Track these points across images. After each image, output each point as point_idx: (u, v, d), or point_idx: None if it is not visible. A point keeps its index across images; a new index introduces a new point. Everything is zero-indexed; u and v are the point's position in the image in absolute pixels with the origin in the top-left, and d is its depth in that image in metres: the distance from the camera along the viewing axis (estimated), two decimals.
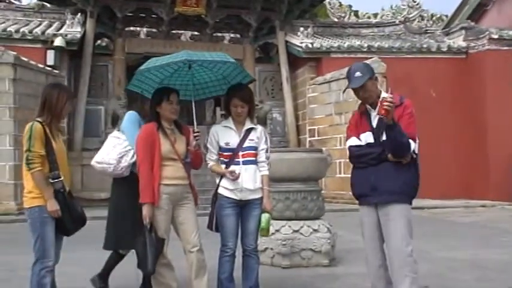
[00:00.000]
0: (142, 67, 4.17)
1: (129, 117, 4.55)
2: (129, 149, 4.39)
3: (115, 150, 4.44)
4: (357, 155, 3.81)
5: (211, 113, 17.92)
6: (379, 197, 3.68)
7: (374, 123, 3.75)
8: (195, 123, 4.23)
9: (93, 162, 4.57)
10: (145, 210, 3.92)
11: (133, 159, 4.32)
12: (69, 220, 3.85)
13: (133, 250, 4.16)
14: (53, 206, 3.76)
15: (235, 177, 4.06)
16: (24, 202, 3.88)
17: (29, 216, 3.84)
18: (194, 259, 4.08)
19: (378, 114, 3.61)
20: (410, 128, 3.61)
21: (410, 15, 19.18)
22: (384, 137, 3.63)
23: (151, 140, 4.01)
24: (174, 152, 4.06)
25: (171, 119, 4.14)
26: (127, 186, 4.33)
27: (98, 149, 14.35)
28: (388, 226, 3.67)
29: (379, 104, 3.58)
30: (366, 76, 3.69)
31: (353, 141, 3.84)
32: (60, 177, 3.83)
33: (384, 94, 3.67)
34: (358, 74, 3.71)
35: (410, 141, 3.58)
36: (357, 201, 3.98)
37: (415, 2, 19.17)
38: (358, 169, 3.84)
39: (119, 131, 4.60)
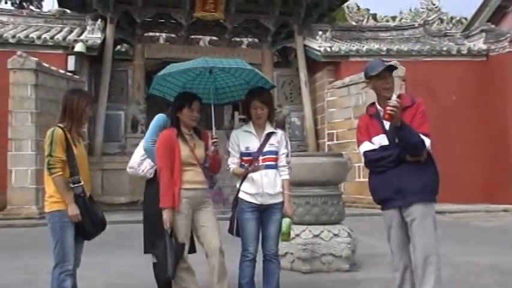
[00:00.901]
0: (161, 72, 4.20)
1: (157, 119, 4.59)
2: None
3: (139, 153, 4.50)
4: (373, 160, 3.74)
5: (230, 117, 17.95)
6: (404, 199, 3.64)
7: (387, 125, 3.68)
8: (213, 128, 4.25)
9: (127, 168, 4.70)
10: (166, 215, 3.95)
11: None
12: (89, 224, 3.88)
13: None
14: (74, 210, 3.79)
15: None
16: (45, 206, 3.92)
17: (49, 220, 3.88)
18: (216, 263, 4.07)
19: (383, 118, 3.60)
20: (423, 126, 3.60)
21: (430, 18, 19.06)
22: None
23: (171, 146, 4.04)
24: (193, 157, 4.09)
25: (191, 126, 4.17)
26: (155, 189, 4.36)
27: (117, 154, 14.45)
28: (413, 226, 3.64)
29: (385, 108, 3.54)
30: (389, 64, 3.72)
31: (366, 146, 3.78)
32: (80, 182, 3.86)
33: (394, 96, 3.57)
34: (381, 64, 3.73)
35: (424, 138, 3.56)
36: (376, 206, 3.93)
37: (434, 4, 19.04)
38: (378, 174, 3.77)
39: None
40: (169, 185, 3.98)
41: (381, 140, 3.71)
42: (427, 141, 3.58)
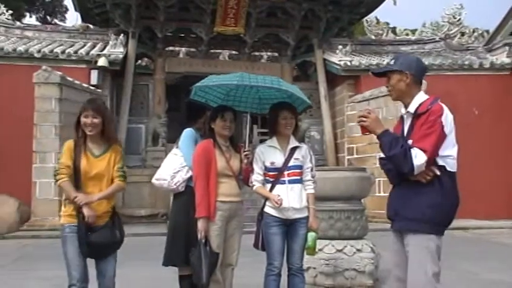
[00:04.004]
0: (200, 84, 4.25)
1: (186, 134, 4.64)
2: (184, 165, 4.48)
3: (171, 166, 4.54)
4: (384, 170, 3.33)
5: (248, 131, 17.96)
6: (399, 223, 3.25)
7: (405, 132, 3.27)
8: (247, 140, 4.32)
9: (153, 180, 4.70)
10: (201, 224, 4.02)
11: (188, 175, 4.41)
12: (82, 242, 3.74)
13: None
14: (87, 211, 3.71)
15: (278, 204, 4.05)
16: None
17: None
18: (229, 275, 4.25)
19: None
20: (424, 140, 3.06)
21: (451, 32, 18.95)
22: None
23: (208, 156, 4.12)
24: (229, 169, 4.17)
25: (224, 136, 4.24)
26: (184, 202, 4.42)
27: (138, 167, 14.59)
28: (408, 257, 3.17)
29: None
30: (393, 66, 3.31)
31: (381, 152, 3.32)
32: None
33: (419, 96, 3.26)
34: (391, 61, 3.38)
35: (418, 153, 3.03)
36: None
37: (455, 18, 18.96)
38: (393, 187, 3.39)
39: (177, 147, 4.69)
40: (205, 195, 4.05)
41: None
42: (420, 158, 3.02)
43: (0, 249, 9.81)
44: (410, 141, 3.13)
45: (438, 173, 3.10)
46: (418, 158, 3.02)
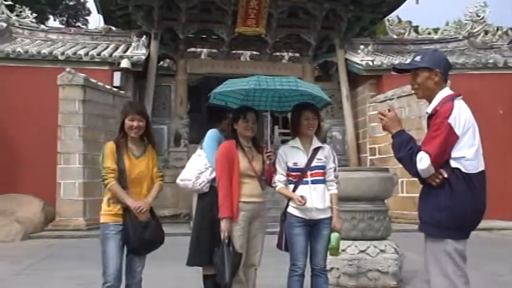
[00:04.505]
0: (218, 89, 4.28)
1: (210, 134, 4.69)
2: (208, 166, 4.52)
3: (195, 167, 4.58)
4: None
5: (270, 131, 17.99)
6: (419, 226, 3.18)
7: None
8: (269, 141, 4.34)
9: (178, 180, 4.75)
10: (224, 224, 4.05)
11: (212, 176, 4.45)
12: (134, 239, 3.90)
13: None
14: (133, 203, 3.88)
15: (302, 203, 4.06)
16: None
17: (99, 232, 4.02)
18: (253, 275, 4.28)
19: None
20: (429, 143, 3.00)
21: (475, 30, 18.71)
22: None
23: (231, 156, 4.15)
24: (251, 169, 4.20)
25: (247, 137, 4.27)
26: (208, 202, 4.45)
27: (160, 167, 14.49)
28: (427, 259, 3.13)
29: None
30: (421, 63, 3.19)
31: None
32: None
33: (439, 96, 3.16)
34: (417, 58, 3.24)
35: (423, 156, 2.98)
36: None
37: (479, 16, 18.71)
38: None
39: (201, 148, 4.73)
40: (228, 196, 4.08)
41: None
42: (424, 162, 2.97)
43: (27, 249, 9.97)
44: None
45: (446, 175, 3.00)
46: (423, 161, 2.98)
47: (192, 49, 18.16)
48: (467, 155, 3.01)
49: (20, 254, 9.23)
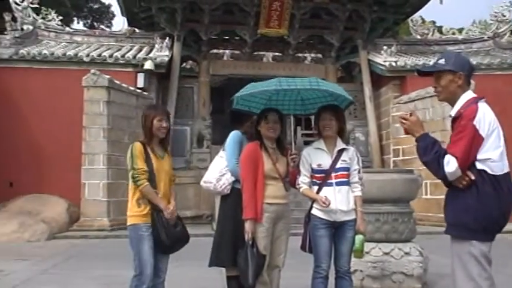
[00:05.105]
0: (240, 93, 4.29)
1: (232, 136, 4.69)
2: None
3: (217, 169, 4.60)
4: None
5: (292, 132, 17.93)
6: (445, 228, 3.19)
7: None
8: (293, 143, 4.33)
9: (201, 182, 4.77)
10: (248, 226, 4.05)
11: (234, 178, 4.46)
12: (165, 238, 3.97)
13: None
14: (166, 205, 3.99)
15: (326, 205, 4.04)
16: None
17: (128, 233, 4.06)
18: (276, 276, 4.27)
19: None
20: (454, 146, 3.01)
21: (500, 30, 18.43)
22: None
23: (255, 158, 4.15)
24: (275, 171, 4.19)
25: (270, 137, 4.26)
26: (231, 204, 4.46)
27: (183, 168, 14.77)
28: (453, 262, 3.13)
29: None
30: (445, 66, 3.18)
31: None
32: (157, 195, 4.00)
33: (462, 98, 3.15)
34: (441, 60, 3.23)
35: (450, 159, 2.98)
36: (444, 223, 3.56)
37: (504, 16, 18.43)
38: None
39: (223, 150, 4.74)
40: (252, 197, 4.08)
41: None
42: (452, 165, 2.97)
43: (52, 249, 10.11)
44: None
45: (473, 177, 3.00)
46: (450, 165, 2.98)
47: (215, 50, 18.23)
48: (493, 157, 3.02)
49: (46, 254, 9.36)
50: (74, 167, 12.91)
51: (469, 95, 3.17)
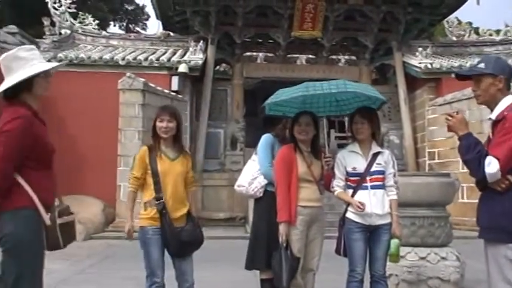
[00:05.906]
0: (270, 100, 4.31)
1: (264, 139, 4.72)
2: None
3: (249, 173, 4.62)
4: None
5: (326, 135, 17.84)
6: (478, 232, 3.16)
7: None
8: (326, 147, 4.32)
9: (235, 186, 4.83)
10: (282, 229, 4.06)
11: (266, 181, 4.47)
12: (172, 242, 3.96)
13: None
14: (127, 223, 4.04)
15: (361, 209, 4.01)
16: None
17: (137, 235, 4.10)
18: (311, 279, 4.27)
19: None
20: (497, 148, 2.96)
21: None
22: None
23: (289, 161, 4.16)
24: (310, 174, 4.19)
25: (303, 140, 4.25)
26: (264, 207, 4.48)
27: (216, 171, 14.87)
28: (488, 266, 3.10)
29: None
30: (486, 69, 3.15)
31: None
32: (161, 199, 3.96)
33: (503, 102, 3.12)
34: (480, 64, 3.21)
35: (492, 160, 2.94)
36: None
37: None
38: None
39: (256, 154, 4.77)
40: (286, 200, 4.09)
41: None
42: (493, 166, 2.93)
43: (88, 249, 10.27)
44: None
45: None
46: (492, 166, 2.95)
47: (248, 53, 18.30)
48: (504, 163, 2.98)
49: (82, 254, 9.52)
50: (109, 169, 13.11)
51: (511, 98, 3.15)
